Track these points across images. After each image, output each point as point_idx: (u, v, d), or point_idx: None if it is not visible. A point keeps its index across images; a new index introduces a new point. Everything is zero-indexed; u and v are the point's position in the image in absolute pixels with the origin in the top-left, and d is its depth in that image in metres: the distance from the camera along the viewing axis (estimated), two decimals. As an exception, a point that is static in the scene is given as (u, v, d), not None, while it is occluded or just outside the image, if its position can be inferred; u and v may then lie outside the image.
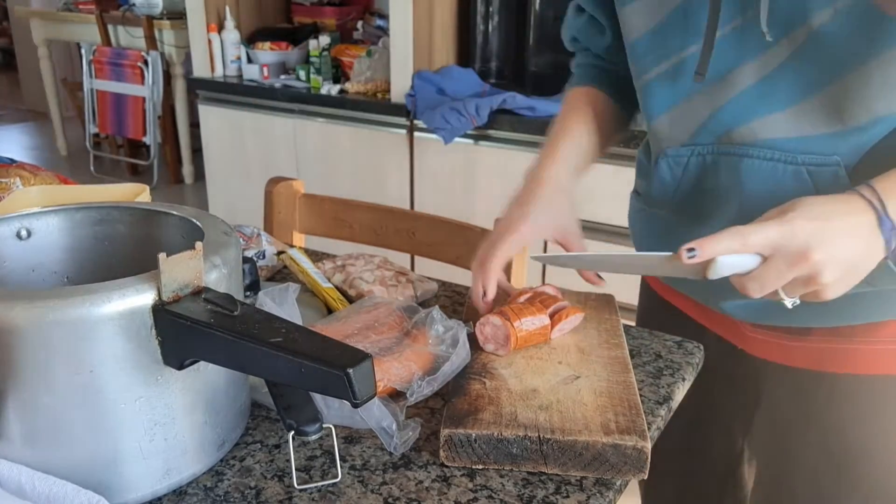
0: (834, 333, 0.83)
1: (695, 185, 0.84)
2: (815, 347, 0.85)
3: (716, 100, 0.79)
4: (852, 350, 0.82)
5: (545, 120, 2.09)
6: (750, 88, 0.76)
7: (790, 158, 0.75)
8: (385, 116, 2.40)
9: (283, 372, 0.56)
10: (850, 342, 0.82)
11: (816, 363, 0.85)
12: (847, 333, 0.82)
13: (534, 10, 2.31)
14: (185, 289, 0.59)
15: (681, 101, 0.83)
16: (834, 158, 0.73)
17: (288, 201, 1.42)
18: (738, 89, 0.77)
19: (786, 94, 0.74)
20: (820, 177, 0.74)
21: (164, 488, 0.64)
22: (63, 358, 0.57)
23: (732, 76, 0.77)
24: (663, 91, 0.84)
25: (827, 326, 0.83)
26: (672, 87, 0.83)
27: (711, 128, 0.80)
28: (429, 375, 0.76)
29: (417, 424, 0.72)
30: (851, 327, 0.82)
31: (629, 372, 0.78)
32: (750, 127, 0.77)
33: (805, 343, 0.85)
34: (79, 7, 4.56)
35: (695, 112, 0.81)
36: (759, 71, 0.75)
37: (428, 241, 1.34)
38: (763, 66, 0.75)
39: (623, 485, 0.68)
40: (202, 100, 2.82)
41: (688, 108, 0.82)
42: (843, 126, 0.72)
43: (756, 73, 0.76)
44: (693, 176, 0.84)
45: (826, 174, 0.74)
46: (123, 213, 0.77)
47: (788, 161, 0.75)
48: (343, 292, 0.99)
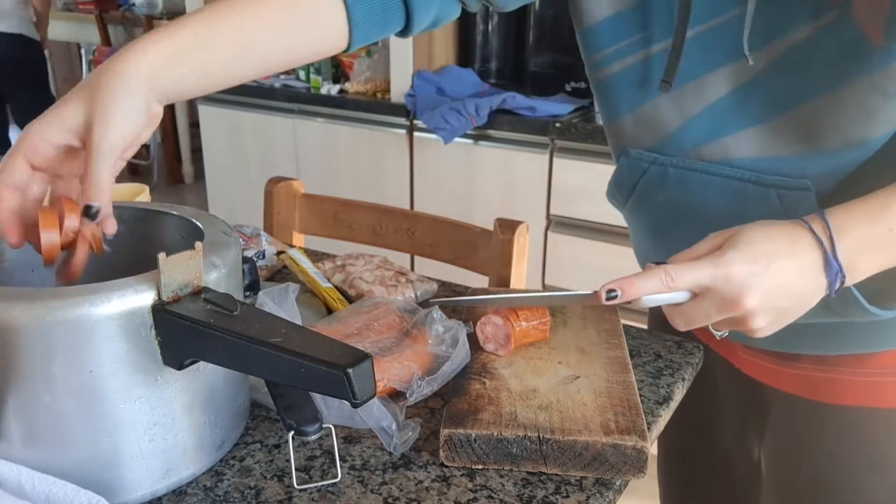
0: (821, 362, 0.81)
1: (650, 194, 0.81)
2: (805, 375, 0.83)
3: (686, 108, 0.75)
4: (840, 381, 0.80)
5: (545, 120, 2.09)
6: (722, 100, 0.73)
7: (759, 179, 0.72)
8: (385, 116, 2.40)
9: (282, 372, 0.56)
10: (838, 372, 0.80)
11: (809, 391, 0.83)
12: (834, 363, 0.80)
13: (533, 10, 2.31)
14: (185, 289, 0.59)
15: (647, 104, 0.78)
16: (804, 182, 0.70)
17: (287, 201, 1.42)
18: (710, 99, 0.73)
19: (759, 110, 0.71)
20: (789, 200, 0.71)
21: (163, 488, 0.64)
22: (63, 358, 0.57)
23: (703, 82, 0.73)
24: (628, 90, 0.79)
25: (814, 354, 0.81)
26: (638, 86, 0.77)
27: (681, 138, 0.76)
28: (428, 375, 0.76)
29: (417, 424, 0.72)
30: (840, 357, 0.79)
31: (629, 372, 0.78)
32: (721, 143, 0.74)
33: (795, 370, 0.83)
34: (78, 7, 4.56)
35: (663, 117, 0.77)
36: (732, 81, 0.72)
37: (428, 241, 1.34)
38: (736, 75, 0.71)
39: (623, 485, 0.68)
40: (202, 100, 2.82)
41: (655, 111, 0.77)
42: (815, 148, 0.69)
43: (729, 83, 0.72)
44: (651, 184, 0.80)
45: (795, 197, 0.71)
46: (123, 213, 0.77)
47: (758, 182, 0.73)
48: (343, 292, 0.99)
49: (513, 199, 2.19)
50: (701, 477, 1.08)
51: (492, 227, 1.23)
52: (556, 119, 2.08)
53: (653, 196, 0.81)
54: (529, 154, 2.14)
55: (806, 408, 0.84)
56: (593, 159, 2.03)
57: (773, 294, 0.60)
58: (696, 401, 1.01)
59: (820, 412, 0.83)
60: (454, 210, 2.28)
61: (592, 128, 2.00)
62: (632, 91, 0.79)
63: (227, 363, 0.60)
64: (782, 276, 0.60)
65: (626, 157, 0.83)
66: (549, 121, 2.07)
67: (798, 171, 0.71)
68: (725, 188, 0.75)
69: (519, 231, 1.19)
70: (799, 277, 0.61)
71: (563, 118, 2.09)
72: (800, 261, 0.61)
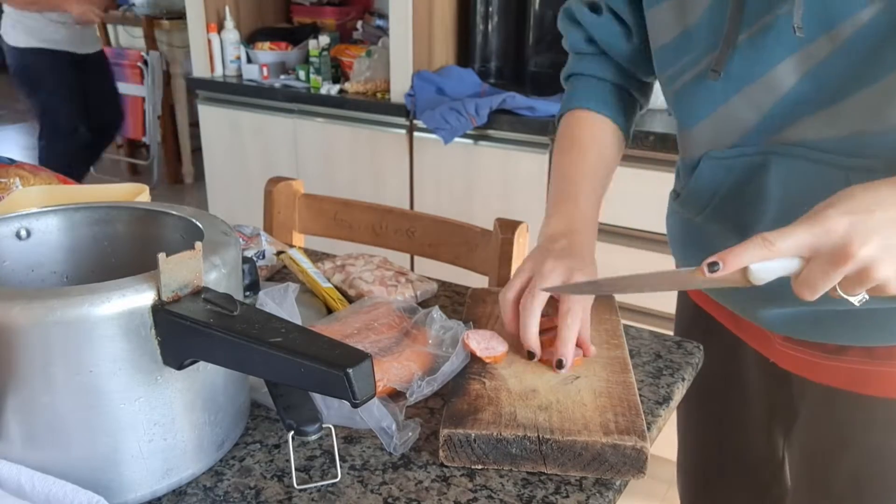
0: (870, 354, 0.79)
1: (736, 189, 0.82)
2: (851, 368, 0.81)
3: (761, 103, 0.77)
4: (892, 374, 0.79)
5: (545, 120, 2.09)
6: (793, 89, 0.74)
7: (830, 160, 0.73)
8: (385, 116, 2.40)
9: (282, 372, 0.56)
10: (889, 365, 0.79)
11: (853, 384, 0.81)
12: (884, 355, 0.79)
13: (533, 10, 2.30)
14: (185, 289, 0.59)
15: (719, 107, 0.80)
16: (873, 163, 0.70)
17: (287, 201, 1.42)
18: (781, 90, 0.75)
19: (826, 93, 0.72)
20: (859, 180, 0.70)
21: (163, 488, 0.64)
22: (62, 358, 0.57)
23: (772, 76, 0.75)
24: (701, 95, 0.81)
25: (863, 346, 0.79)
26: (710, 90, 0.80)
27: (761, 129, 0.78)
28: (428, 375, 0.76)
29: (417, 425, 0.72)
30: (889, 349, 0.78)
31: (629, 372, 0.78)
32: (797, 127, 0.75)
33: (840, 362, 0.82)
34: (78, 7, 4.56)
35: (739, 116, 0.79)
36: (798, 68, 0.73)
37: (427, 241, 1.34)
38: (801, 63, 0.73)
39: (623, 485, 0.68)
40: (202, 100, 2.82)
41: (729, 112, 0.79)
42: (882, 127, 0.69)
43: (795, 72, 0.73)
44: (737, 178, 0.81)
45: (865, 177, 0.69)
46: (123, 213, 0.77)
47: (829, 163, 0.73)
48: (343, 292, 0.99)
49: (513, 199, 2.19)
50: (720, 476, 1.07)
51: (492, 227, 1.23)
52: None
53: (741, 192, 0.81)
54: (529, 154, 2.14)
55: (848, 402, 0.82)
56: (593, 159, 2.03)
57: (885, 236, 0.58)
58: (720, 398, 1.01)
59: (865, 406, 0.81)
60: (454, 210, 2.28)
61: (592, 128, 2.00)
62: (705, 95, 0.81)
63: (226, 363, 0.60)
64: (889, 217, 0.59)
65: (707, 159, 0.84)
66: (549, 121, 2.07)
67: (871, 151, 0.71)
68: (804, 171, 0.75)
69: (519, 231, 1.19)
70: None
71: (563, 118, 2.09)
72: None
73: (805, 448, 0.90)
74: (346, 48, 2.66)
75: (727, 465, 1.06)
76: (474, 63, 2.48)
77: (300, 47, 2.78)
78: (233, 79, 2.77)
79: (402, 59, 2.35)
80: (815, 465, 0.89)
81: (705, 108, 0.82)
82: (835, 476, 0.86)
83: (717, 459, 1.07)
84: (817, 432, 0.88)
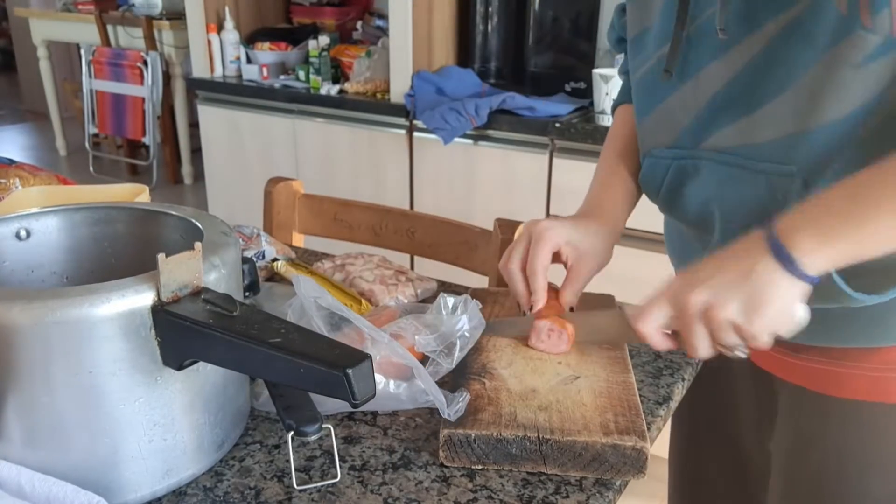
0: (826, 355, 0.81)
1: (677, 190, 0.83)
2: (811, 367, 0.83)
3: (691, 104, 0.79)
4: (845, 374, 0.81)
5: (545, 120, 2.09)
6: (720, 92, 0.76)
7: (752, 166, 0.75)
8: (384, 117, 2.40)
9: (282, 372, 0.56)
10: (842, 366, 0.81)
11: (814, 383, 0.84)
12: (839, 356, 0.80)
13: (533, 11, 2.30)
14: (185, 289, 0.59)
15: (658, 105, 0.83)
16: (790, 168, 0.72)
17: (287, 201, 1.42)
18: (709, 93, 0.77)
19: (749, 98, 0.74)
20: (780, 185, 0.73)
21: (163, 489, 0.64)
22: (62, 358, 0.57)
23: (702, 77, 0.77)
24: (648, 91, 0.85)
25: (820, 346, 0.81)
26: (654, 87, 0.83)
27: (691, 132, 0.80)
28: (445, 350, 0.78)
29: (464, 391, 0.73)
30: (843, 350, 0.80)
31: (628, 372, 0.78)
32: (723, 133, 0.77)
33: (802, 361, 0.84)
34: (78, 7, 4.56)
35: (674, 116, 0.82)
36: (725, 72, 0.75)
37: (427, 241, 1.34)
38: (728, 66, 0.75)
39: (623, 485, 0.68)
40: (201, 100, 2.82)
41: (666, 110, 0.82)
42: (800, 130, 0.71)
43: (722, 75, 0.75)
44: (674, 179, 0.83)
45: (783, 184, 0.73)
46: (123, 214, 0.77)
47: (752, 168, 0.75)
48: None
49: (512, 200, 2.19)
50: (712, 472, 1.08)
51: (491, 228, 1.23)
52: (556, 119, 2.08)
53: (681, 192, 0.83)
54: (529, 154, 2.14)
55: (812, 400, 0.85)
56: (593, 159, 2.01)
57: (713, 283, 0.67)
58: (711, 395, 1.02)
59: (824, 405, 0.83)
60: (454, 210, 2.28)
61: (592, 128, 2.00)
62: (650, 91, 0.84)
63: (226, 363, 0.60)
64: (715, 264, 0.69)
65: (649, 157, 0.87)
66: (549, 121, 2.07)
67: (786, 157, 0.73)
68: (731, 177, 0.77)
69: (519, 231, 1.19)
70: (732, 259, 0.68)
71: (563, 118, 2.09)
72: (734, 248, 0.69)
73: (781, 445, 0.92)
74: (346, 48, 2.66)
75: (717, 460, 1.07)
76: (474, 63, 2.48)
77: (300, 48, 2.78)
78: (233, 79, 2.77)
79: (402, 60, 2.35)
80: (787, 463, 0.90)
81: (649, 104, 0.85)
82: (801, 475, 0.88)
83: (708, 455, 1.07)
84: (789, 431, 0.90)
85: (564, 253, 0.87)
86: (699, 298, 0.68)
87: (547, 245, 0.85)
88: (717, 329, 0.68)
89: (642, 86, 0.86)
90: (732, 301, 0.67)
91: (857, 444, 0.82)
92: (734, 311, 0.67)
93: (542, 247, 0.84)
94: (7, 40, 7.51)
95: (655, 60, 0.83)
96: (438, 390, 0.71)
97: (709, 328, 0.69)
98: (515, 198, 2.19)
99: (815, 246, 0.65)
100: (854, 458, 0.83)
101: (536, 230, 0.86)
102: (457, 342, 0.78)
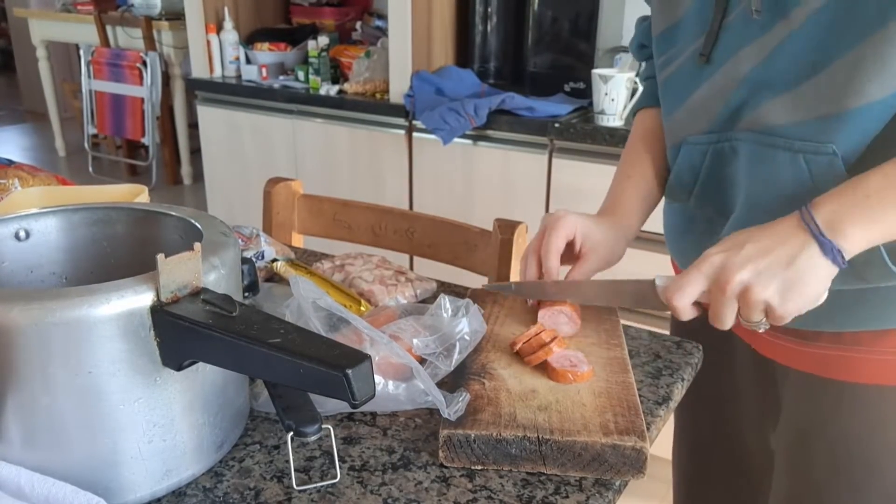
0: (839, 340, 0.82)
1: (714, 174, 0.85)
2: (821, 353, 0.84)
3: (726, 88, 0.81)
4: (857, 359, 0.81)
5: (544, 120, 2.09)
6: (750, 74, 0.78)
7: (788, 145, 0.76)
8: (384, 117, 2.40)
9: (281, 373, 0.56)
10: (854, 350, 0.81)
11: (824, 370, 0.84)
12: (851, 340, 0.81)
13: (532, 11, 2.30)
14: (184, 289, 0.59)
15: (693, 93, 0.85)
16: (829, 147, 0.73)
17: (287, 202, 1.42)
18: (741, 75, 0.79)
19: (783, 78, 0.75)
20: (816, 165, 0.74)
21: (163, 489, 0.64)
22: (61, 359, 0.57)
23: (734, 62, 0.79)
24: (680, 84, 0.86)
25: (832, 331, 0.82)
26: (688, 78, 0.85)
27: (727, 116, 0.82)
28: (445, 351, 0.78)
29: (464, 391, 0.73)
30: (855, 334, 0.80)
31: (628, 372, 0.78)
32: (757, 113, 0.78)
33: (813, 348, 0.84)
34: (77, 8, 4.56)
35: (710, 102, 0.83)
36: (757, 55, 0.77)
37: (427, 242, 1.34)
38: (760, 49, 0.76)
39: (622, 485, 0.68)
40: (201, 100, 2.82)
41: (702, 98, 0.84)
42: (837, 110, 0.72)
43: (754, 58, 0.77)
44: (712, 163, 0.85)
45: (822, 163, 0.74)
46: (122, 214, 0.77)
47: (787, 147, 0.76)
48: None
49: (512, 200, 2.19)
50: (715, 467, 1.08)
51: (491, 228, 1.23)
52: (556, 119, 2.08)
53: (717, 176, 0.85)
54: (528, 154, 2.13)
55: (821, 387, 0.85)
56: (592, 159, 2.03)
57: (757, 263, 0.69)
58: (714, 390, 1.02)
59: (835, 390, 0.84)
60: (453, 210, 2.28)
61: (592, 128, 2.00)
62: (684, 83, 0.87)
63: (226, 364, 0.60)
64: (758, 246, 0.69)
65: (686, 145, 0.88)
66: (549, 121, 2.07)
67: (824, 136, 0.73)
68: (761, 156, 0.78)
69: (518, 231, 1.19)
70: (776, 242, 0.69)
71: (563, 118, 2.09)
72: (774, 230, 0.70)
73: (787, 436, 0.92)
74: (345, 49, 2.66)
75: (720, 455, 1.07)
76: (473, 63, 2.48)
77: (299, 48, 2.78)
78: (232, 79, 2.77)
79: (402, 60, 2.35)
80: (795, 452, 0.90)
81: (682, 96, 0.87)
82: (812, 463, 0.88)
83: (711, 449, 1.08)
84: (796, 419, 0.90)
85: (578, 241, 0.89)
86: (741, 278, 0.69)
87: (562, 231, 0.88)
88: (750, 307, 0.70)
89: (674, 79, 0.88)
90: (772, 284, 0.68)
91: (868, 429, 0.83)
92: (772, 293, 0.69)
93: (557, 231, 0.88)
94: (6, 41, 7.51)
95: (690, 52, 0.84)
96: (438, 390, 0.71)
97: (741, 304, 0.70)
98: (515, 198, 2.19)
99: (858, 234, 0.67)
100: (865, 444, 0.83)
101: (552, 218, 0.89)
102: (456, 344, 0.78)
